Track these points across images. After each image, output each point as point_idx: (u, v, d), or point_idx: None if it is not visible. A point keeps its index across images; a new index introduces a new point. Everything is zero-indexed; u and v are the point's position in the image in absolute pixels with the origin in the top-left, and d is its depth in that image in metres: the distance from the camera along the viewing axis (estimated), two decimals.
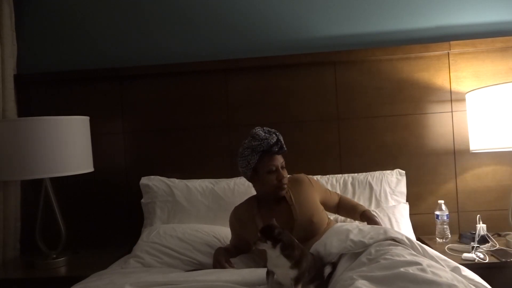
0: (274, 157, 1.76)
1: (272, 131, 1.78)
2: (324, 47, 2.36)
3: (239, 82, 2.38)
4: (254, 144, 1.72)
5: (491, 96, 1.98)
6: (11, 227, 2.30)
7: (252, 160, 1.74)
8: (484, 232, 1.99)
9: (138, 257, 1.93)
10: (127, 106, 2.42)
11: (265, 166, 1.74)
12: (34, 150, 1.96)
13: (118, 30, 2.46)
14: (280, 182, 1.75)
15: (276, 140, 1.73)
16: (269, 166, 1.74)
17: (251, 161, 1.74)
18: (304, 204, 1.79)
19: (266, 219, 1.76)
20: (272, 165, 1.74)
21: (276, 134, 1.76)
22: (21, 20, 2.44)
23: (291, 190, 1.82)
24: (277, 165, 1.75)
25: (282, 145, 1.75)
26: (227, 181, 2.24)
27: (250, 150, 1.74)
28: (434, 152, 2.29)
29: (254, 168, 1.76)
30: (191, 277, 1.63)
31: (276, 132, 1.77)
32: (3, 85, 2.29)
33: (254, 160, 1.74)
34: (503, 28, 2.30)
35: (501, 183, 2.24)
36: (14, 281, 1.98)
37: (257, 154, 1.73)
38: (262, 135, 1.73)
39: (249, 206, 1.86)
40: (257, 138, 1.73)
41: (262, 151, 1.73)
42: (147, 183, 2.24)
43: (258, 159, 1.74)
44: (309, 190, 1.85)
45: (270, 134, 1.75)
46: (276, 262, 1.40)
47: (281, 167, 1.77)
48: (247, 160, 1.74)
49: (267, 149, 1.73)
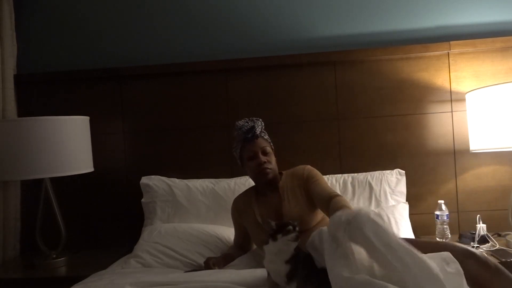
0: (252, 143, 1.80)
1: (253, 119, 1.83)
2: (324, 47, 2.36)
3: (239, 82, 2.38)
4: (235, 134, 1.84)
5: (491, 96, 1.98)
6: (11, 227, 2.30)
7: (237, 149, 1.85)
8: (484, 232, 1.99)
9: (139, 257, 1.93)
10: (127, 106, 2.42)
11: (245, 153, 1.82)
12: (34, 150, 1.96)
13: (118, 30, 2.46)
14: (260, 166, 1.78)
15: (251, 126, 1.79)
16: (248, 152, 1.81)
17: (236, 150, 1.86)
18: (294, 199, 1.78)
19: (262, 207, 1.82)
20: (250, 151, 1.80)
21: (253, 120, 1.81)
22: (21, 20, 2.44)
23: (287, 182, 1.83)
24: (255, 151, 1.80)
25: (255, 131, 1.79)
26: (227, 181, 2.24)
27: (235, 140, 1.86)
28: (434, 152, 2.29)
29: (240, 156, 1.85)
30: (191, 278, 1.63)
31: (256, 119, 1.83)
32: (3, 85, 2.29)
33: (238, 149, 1.85)
34: (503, 28, 2.30)
35: (501, 183, 2.24)
36: (14, 281, 1.98)
37: (239, 143, 1.83)
38: (240, 124, 1.82)
39: (247, 195, 1.91)
40: (237, 128, 1.83)
41: (242, 139, 1.81)
42: (147, 183, 2.24)
43: (240, 148, 1.83)
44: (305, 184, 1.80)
45: (247, 122, 1.81)
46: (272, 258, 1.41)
47: (262, 152, 1.81)
48: (235, 150, 1.86)
49: (244, 137, 1.80)
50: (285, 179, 1.85)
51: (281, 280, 1.42)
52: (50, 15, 2.49)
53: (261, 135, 1.84)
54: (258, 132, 1.81)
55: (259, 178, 1.82)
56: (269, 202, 1.82)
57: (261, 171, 1.79)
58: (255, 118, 1.84)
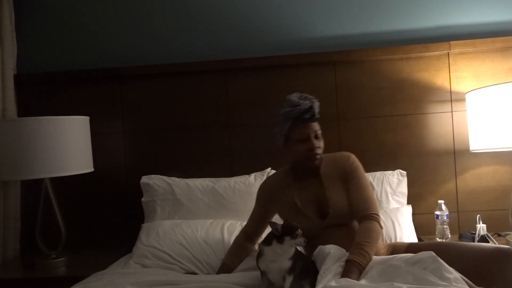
0: (307, 124, 1.65)
1: (309, 97, 1.67)
2: (324, 47, 2.36)
3: (239, 82, 2.37)
4: (287, 111, 1.65)
5: (491, 96, 1.98)
6: (11, 227, 2.29)
7: (284, 127, 1.67)
8: (484, 232, 1.98)
9: (138, 260, 1.92)
10: (127, 106, 2.42)
11: (296, 134, 1.65)
12: (34, 150, 1.95)
13: (118, 30, 2.46)
14: (310, 152, 1.65)
15: (309, 106, 1.62)
16: (300, 134, 1.65)
17: (283, 127, 1.67)
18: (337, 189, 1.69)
19: (301, 192, 1.71)
20: (303, 133, 1.65)
21: (311, 100, 1.65)
22: (21, 20, 2.44)
23: (329, 169, 1.72)
24: (308, 134, 1.65)
25: (314, 112, 1.64)
26: (227, 180, 2.24)
27: (283, 116, 1.66)
28: (434, 152, 2.29)
29: (286, 135, 1.68)
30: (191, 277, 1.64)
31: (313, 99, 1.66)
32: (3, 85, 2.29)
33: (286, 127, 1.66)
34: (503, 28, 2.30)
35: (501, 183, 2.24)
36: (14, 281, 1.98)
37: (289, 121, 1.65)
38: (295, 101, 1.64)
39: (283, 176, 1.79)
40: (289, 104, 1.65)
41: (294, 118, 1.64)
42: (147, 182, 2.24)
43: (290, 126, 1.66)
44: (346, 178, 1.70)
45: (304, 100, 1.64)
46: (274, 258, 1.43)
47: (315, 136, 1.66)
48: (280, 126, 1.68)
49: (298, 116, 1.63)
50: (326, 165, 1.73)
51: (280, 277, 1.44)
52: (50, 15, 2.49)
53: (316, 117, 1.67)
54: (317, 113, 1.66)
55: (305, 162, 1.68)
56: (309, 187, 1.71)
57: (311, 156, 1.66)
58: (311, 96, 1.68)
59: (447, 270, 1.30)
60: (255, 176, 2.25)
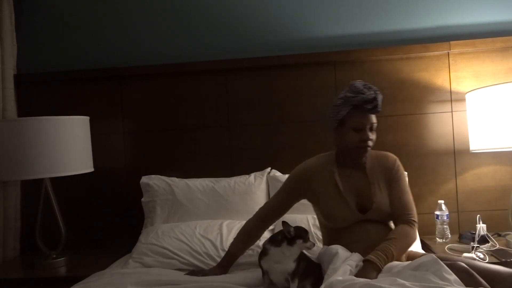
0: (366, 114, 1.61)
1: (374, 88, 1.62)
2: (324, 47, 2.36)
3: (239, 82, 2.37)
4: (348, 96, 1.60)
5: (491, 96, 1.98)
6: (11, 227, 2.30)
7: (342, 111, 1.62)
8: (484, 232, 1.98)
9: (137, 258, 1.93)
10: (127, 106, 2.42)
11: (352, 122, 1.61)
12: (34, 150, 1.96)
13: (118, 30, 2.46)
14: (362, 143, 1.62)
15: (373, 97, 1.58)
16: (356, 123, 1.61)
17: (340, 112, 1.62)
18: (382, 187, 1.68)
19: (344, 179, 1.67)
20: (360, 123, 1.61)
21: (375, 91, 1.61)
22: (21, 20, 2.44)
23: (374, 166, 1.70)
24: (365, 124, 1.61)
25: (377, 104, 1.59)
26: (227, 180, 2.24)
27: (342, 101, 1.62)
28: (434, 152, 2.29)
29: (341, 120, 1.64)
30: (191, 278, 1.64)
31: (377, 90, 1.62)
32: (3, 85, 2.29)
33: (344, 112, 1.62)
34: (503, 28, 2.30)
35: (501, 183, 2.24)
36: (14, 281, 1.98)
37: (348, 106, 1.61)
38: (360, 88, 1.60)
39: (325, 160, 1.74)
40: (353, 90, 1.61)
41: (355, 105, 1.60)
42: (147, 182, 2.24)
43: (348, 112, 1.61)
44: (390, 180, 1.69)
45: (369, 90, 1.60)
46: (280, 259, 1.43)
47: (370, 128, 1.63)
48: (337, 110, 1.63)
49: (359, 104, 1.59)
50: (371, 161, 1.71)
51: (283, 279, 1.44)
52: (50, 15, 2.49)
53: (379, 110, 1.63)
54: (379, 106, 1.61)
55: (353, 152, 1.65)
56: (353, 177, 1.68)
57: (362, 148, 1.63)
58: (375, 87, 1.62)
59: (448, 272, 1.31)
60: (255, 176, 2.25)
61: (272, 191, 2.21)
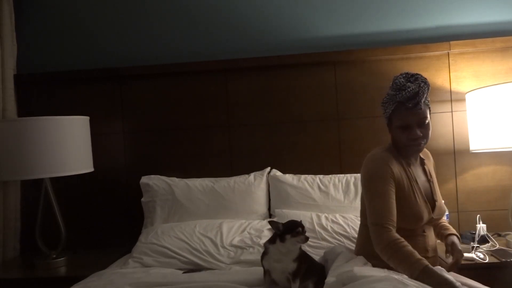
0: (409, 112, 1.50)
1: (419, 79, 1.52)
2: (324, 47, 2.36)
3: (239, 82, 2.37)
4: (391, 93, 1.54)
5: (491, 96, 1.98)
6: (11, 227, 2.30)
7: (388, 109, 1.56)
8: (484, 232, 1.98)
9: (137, 258, 1.93)
10: (127, 106, 2.42)
11: (397, 120, 1.54)
12: (34, 150, 1.96)
13: (118, 30, 2.46)
14: (410, 141, 1.53)
15: (415, 93, 1.47)
16: (401, 121, 1.52)
17: (387, 109, 1.57)
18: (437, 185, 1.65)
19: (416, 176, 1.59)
20: (404, 121, 1.52)
21: (420, 83, 1.50)
22: (21, 20, 2.44)
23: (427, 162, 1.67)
24: (408, 123, 1.51)
25: (420, 100, 1.48)
26: (227, 179, 2.25)
27: (388, 98, 1.56)
28: (434, 152, 2.25)
29: (389, 118, 1.58)
30: (191, 278, 1.64)
31: (422, 82, 1.51)
32: (3, 85, 2.29)
33: (389, 110, 1.55)
34: (503, 28, 2.30)
35: (501, 183, 2.24)
36: (14, 281, 1.98)
37: (393, 104, 1.53)
38: (401, 83, 1.51)
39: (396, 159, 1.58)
40: (394, 87, 1.53)
41: (399, 101, 1.51)
42: (147, 182, 2.25)
43: (393, 110, 1.54)
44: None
45: (412, 83, 1.50)
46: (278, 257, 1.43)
47: (418, 124, 1.51)
48: (385, 107, 1.59)
49: (402, 101, 1.51)
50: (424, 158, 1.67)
51: (284, 278, 1.44)
52: (50, 15, 2.49)
53: (424, 103, 1.53)
54: (422, 101, 1.50)
55: (406, 150, 1.57)
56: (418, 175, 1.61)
57: (412, 146, 1.55)
58: (421, 77, 1.52)
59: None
60: (255, 175, 2.25)
61: (272, 191, 2.22)
